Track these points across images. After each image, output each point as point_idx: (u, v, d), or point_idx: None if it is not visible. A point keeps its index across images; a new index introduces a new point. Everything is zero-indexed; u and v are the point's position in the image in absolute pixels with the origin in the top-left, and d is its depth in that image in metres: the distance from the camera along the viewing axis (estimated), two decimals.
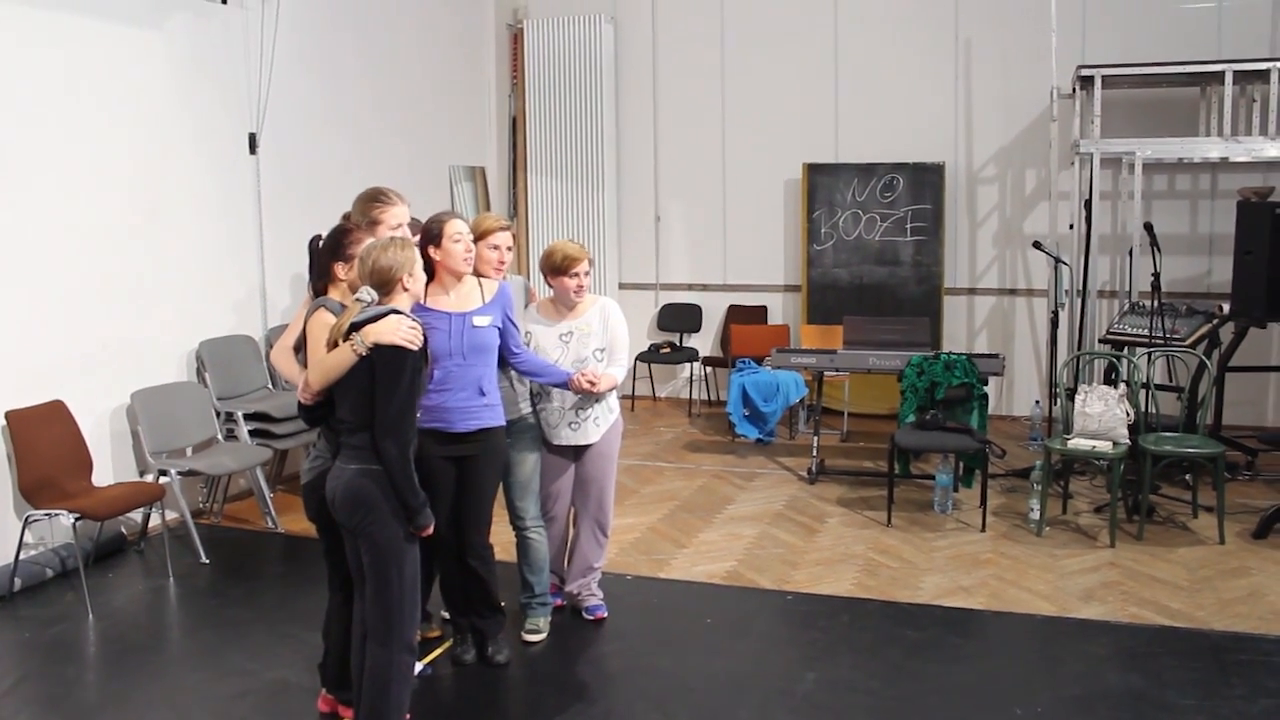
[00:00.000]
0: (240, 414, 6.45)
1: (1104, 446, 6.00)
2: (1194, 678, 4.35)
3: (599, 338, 4.72)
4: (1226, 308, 7.01)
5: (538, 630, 4.78)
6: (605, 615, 4.98)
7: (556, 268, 4.68)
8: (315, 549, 4.15)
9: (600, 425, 4.75)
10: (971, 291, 9.14)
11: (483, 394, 4.22)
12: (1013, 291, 9.04)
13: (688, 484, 7.30)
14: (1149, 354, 6.68)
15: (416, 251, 3.70)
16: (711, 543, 6.10)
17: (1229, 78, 7.38)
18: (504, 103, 10.12)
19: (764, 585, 5.44)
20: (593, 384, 4.55)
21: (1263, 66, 7.41)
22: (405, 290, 3.62)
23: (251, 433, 6.45)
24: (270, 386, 6.91)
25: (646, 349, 9.55)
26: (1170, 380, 7.58)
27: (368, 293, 3.59)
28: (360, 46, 8.10)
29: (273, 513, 6.39)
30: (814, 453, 7.44)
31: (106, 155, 6.06)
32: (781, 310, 9.66)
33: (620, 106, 9.88)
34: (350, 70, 7.97)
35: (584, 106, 9.70)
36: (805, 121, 9.38)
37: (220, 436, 6.42)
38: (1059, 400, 7.09)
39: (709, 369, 9.78)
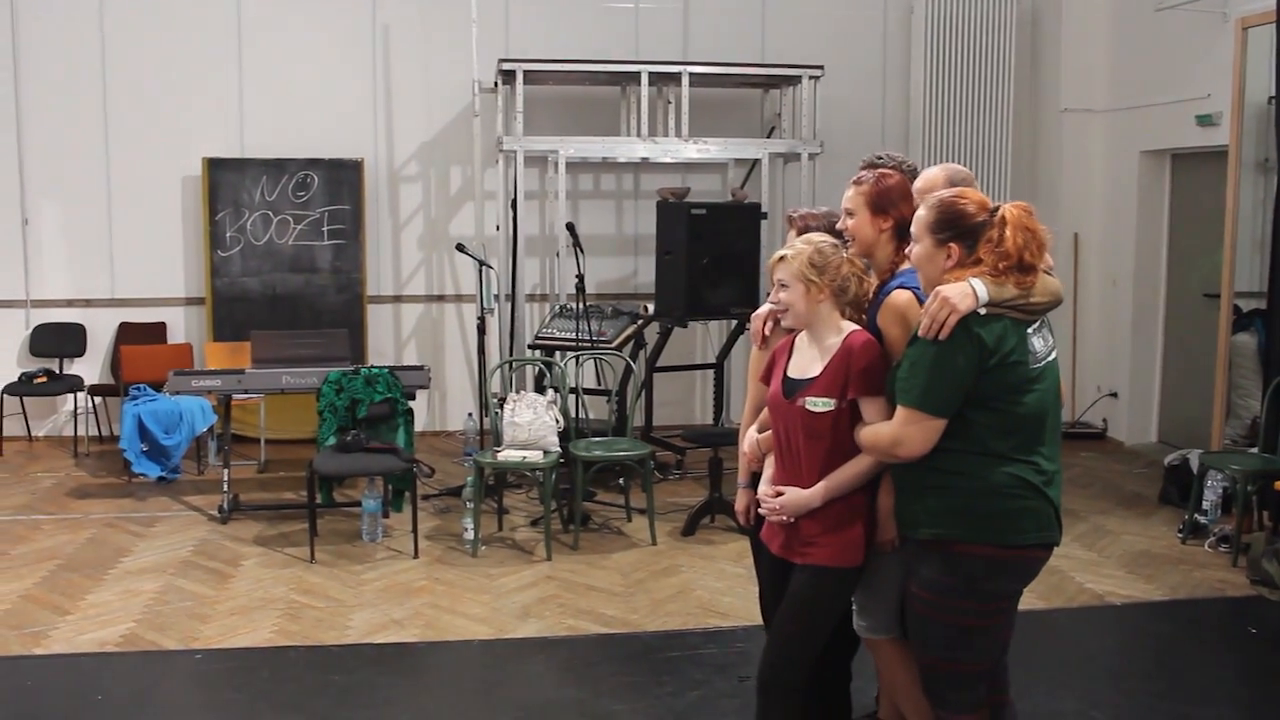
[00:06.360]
0: None
1: (535, 456, 6.32)
2: (629, 681, 4.72)
3: None
4: (651, 308, 7.71)
5: None
6: None
7: None
8: None
9: None
10: (398, 299, 9.29)
11: None
12: (441, 298, 9.31)
13: (73, 538, 6.71)
14: (577, 358, 7.17)
15: None
16: (103, 604, 5.65)
17: (645, 79, 8.15)
18: None
19: (168, 646, 5.15)
20: None
21: (674, 69, 8.28)
22: None
23: None
24: None
25: (16, 379, 8.70)
26: (599, 384, 8.20)
27: None
28: None
29: None
30: (225, 488, 7.16)
31: None
32: (184, 327, 9.20)
33: None
34: None
35: None
36: (205, 110, 9.00)
37: None
38: (491, 411, 7.40)
39: (98, 399, 9.10)
